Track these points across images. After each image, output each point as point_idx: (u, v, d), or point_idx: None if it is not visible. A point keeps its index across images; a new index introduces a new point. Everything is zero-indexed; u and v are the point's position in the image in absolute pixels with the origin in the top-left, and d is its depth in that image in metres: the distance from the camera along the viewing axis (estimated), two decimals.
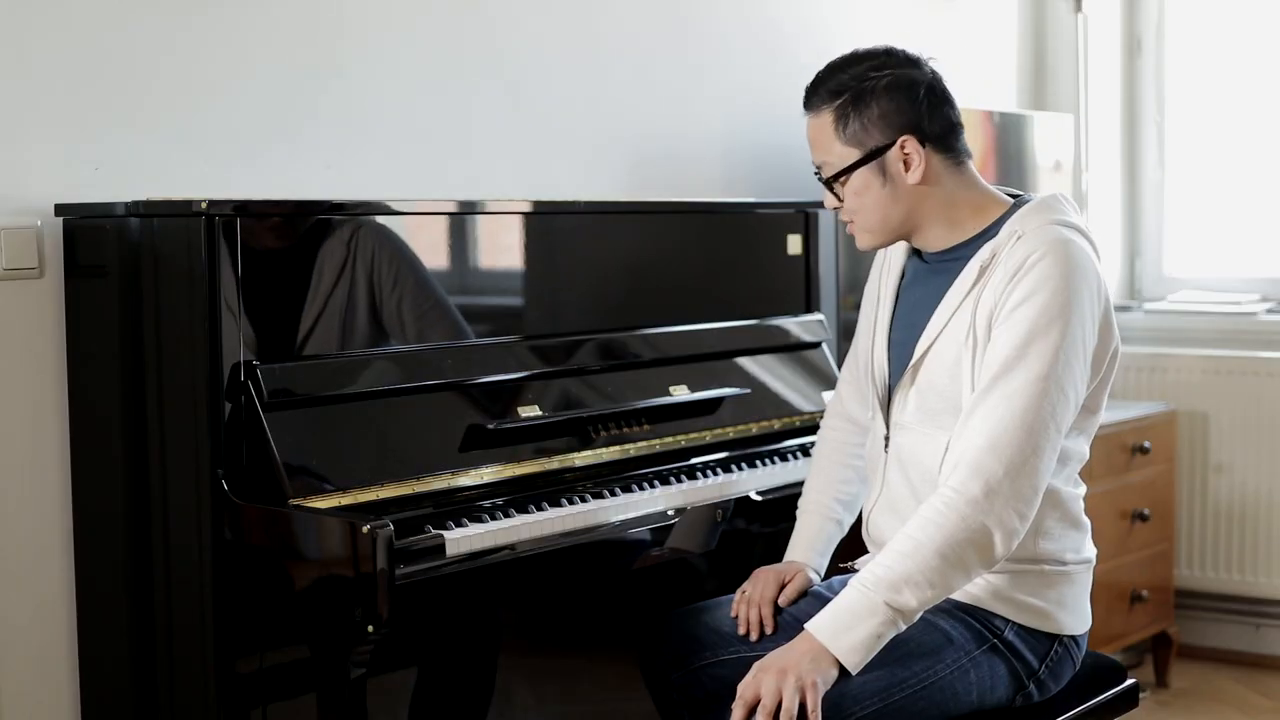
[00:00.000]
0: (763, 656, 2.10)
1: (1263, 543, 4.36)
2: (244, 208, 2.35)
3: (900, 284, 2.41)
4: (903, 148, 2.25)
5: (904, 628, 2.09)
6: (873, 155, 2.25)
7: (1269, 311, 4.48)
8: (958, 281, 2.26)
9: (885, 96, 2.25)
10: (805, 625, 2.10)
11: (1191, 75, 4.74)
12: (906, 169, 2.25)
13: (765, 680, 2.04)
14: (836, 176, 2.29)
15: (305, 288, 2.45)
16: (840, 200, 2.31)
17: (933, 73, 2.30)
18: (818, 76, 2.32)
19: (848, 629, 2.06)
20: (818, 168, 2.32)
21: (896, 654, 2.18)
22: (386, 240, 2.57)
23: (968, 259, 2.27)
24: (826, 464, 2.56)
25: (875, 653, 2.07)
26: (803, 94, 2.33)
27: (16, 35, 2.45)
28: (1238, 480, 4.39)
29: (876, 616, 2.06)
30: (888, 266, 2.45)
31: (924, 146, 2.25)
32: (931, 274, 2.34)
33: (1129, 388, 4.47)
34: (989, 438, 2.11)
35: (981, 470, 2.09)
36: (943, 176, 2.28)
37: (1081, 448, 2.31)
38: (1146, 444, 4.10)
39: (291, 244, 2.44)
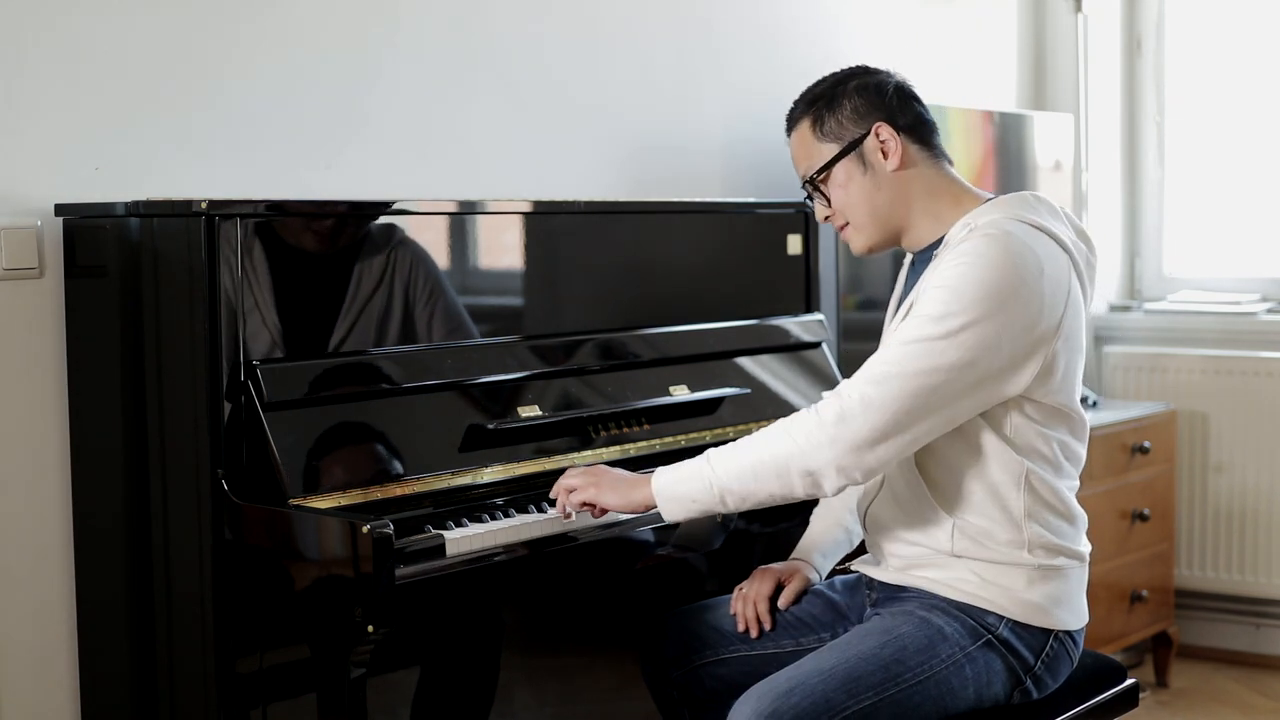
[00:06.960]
0: (764, 655, 2.10)
1: (1263, 543, 4.36)
2: (244, 208, 2.36)
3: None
4: (878, 134, 2.29)
5: (716, 509, 2.20)
6: (851, 146, 2.30)
7: (1269, 311, 4.48)
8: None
9: (856, 94, 2.32)
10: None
11: (1191, 75, 4.74)
12: (885, 156, 2.29)
13: (582, 477, 2.29)
14: (820, 173, 2.31)
15: (305, 287, 2.45)
16: (830, 204, 2.34)
17: (900, 78, 2.36)
18: (792, 104, 2.38)
19: (676, 481, 2.21)
20: (806, 180, 2.35)
21: (890, 649, 2.18)
22: (399, 243, 2.57)
23: None
24: None
25: (690, 515, 2.21)
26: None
27: (16, 35, 2.45)
28: (1238, 480, 4.39)
29: (701, 480, 2.19)
30: (901, 279, 2.46)
31: (899, 134, 2.29)
32: (916, 276, 2.35)
33: (1129, 388, 4.47)
34: (865, 375, 2.15)
35: (842, 396, 2.14)
36: (920, 164, 2.31)
37: (1073, 445, 2.29)
38: (1146, 444, 4.10)
39: (291, 244, 2.44)
